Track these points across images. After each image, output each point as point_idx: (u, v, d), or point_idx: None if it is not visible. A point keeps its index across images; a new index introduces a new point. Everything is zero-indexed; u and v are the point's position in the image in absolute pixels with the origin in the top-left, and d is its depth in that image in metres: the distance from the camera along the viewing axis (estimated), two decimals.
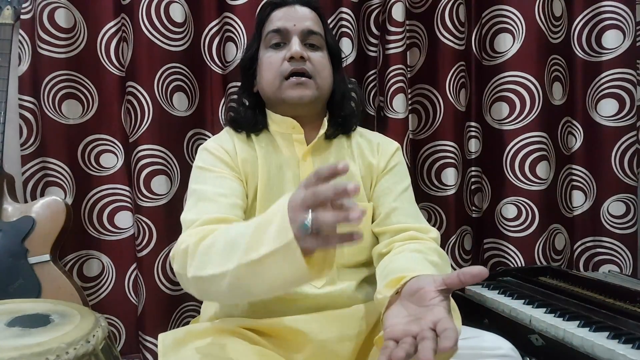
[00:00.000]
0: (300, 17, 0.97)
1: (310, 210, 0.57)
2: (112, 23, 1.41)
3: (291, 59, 0.94)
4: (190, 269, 0.75)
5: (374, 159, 1.03)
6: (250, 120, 1.00)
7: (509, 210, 1.55)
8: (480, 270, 0.61)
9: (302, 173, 0.98)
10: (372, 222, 1.00)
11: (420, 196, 1.57)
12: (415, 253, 0.86)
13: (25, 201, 1.35)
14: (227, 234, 0.73)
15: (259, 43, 1.01)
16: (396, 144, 1.07)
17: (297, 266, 0.59)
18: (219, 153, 0.95)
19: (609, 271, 1.55)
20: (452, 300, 0.69)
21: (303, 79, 0.94)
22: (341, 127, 1.04)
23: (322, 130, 0.99)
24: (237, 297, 0.74)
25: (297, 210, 0.59)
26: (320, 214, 0.56)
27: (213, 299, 0.78)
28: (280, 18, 0.98)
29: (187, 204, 0.92)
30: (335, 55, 1.04)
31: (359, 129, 1.09)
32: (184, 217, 0.88)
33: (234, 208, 0.88)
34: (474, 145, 1.61)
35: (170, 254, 0.85)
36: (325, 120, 1.00)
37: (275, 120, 1.00)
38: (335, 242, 0.58)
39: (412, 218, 0.97)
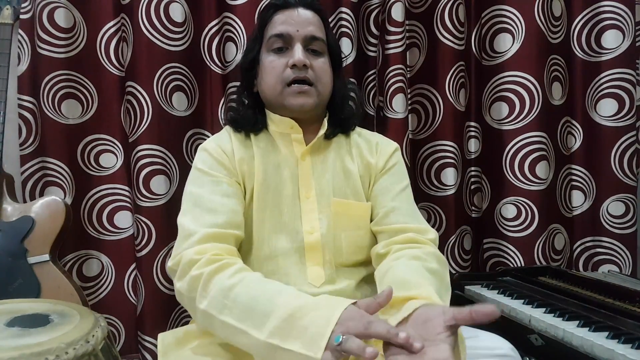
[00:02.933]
0: (303, 22, 0.97)
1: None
2: (111, 23, 1.41)
3: (294, 66, 0.94)
4: (202, 300, 0.77)
5: (373, 158, 1.03)
6: (250, 120, 1.00)
7: (509, 210, 1.55)
8: (492, 310, 0.62)
9: (300, 172, 0.98)
10: (371, 221, 1.00)
11: (420, 196, 1.57)
12: (414, 261, 0.86)
13: (25, 201, 1.35)
14: (251, 287, 0.75)
15: (261, 45, 1.01)
16: (395, 144, 1.08)
17: None
18: (218, 155, 0.95)
19: (608, 271, 1.55)
20: (460, 333, 0.69)
21: (305, 87, 0.95)
22: (340, 127, 1.04)
23: (322, 131, 0.99)
24: (242, 348, 0.77)
25: (329, 328, 0.63)
26: (350, 340, 0.61)
27: (220, 335, 0.80)
28: (283, 22, 0.97)
29: (183, 206, 0.92)
30: (336, 57, 1.04)
31: (358, 129, 1.09)
32: (182, 222, 0.89)
33: (231, 218, 0.89)
34: (473, 145, 1.62)
35: (169, 264, 0.86)
36: (325, 121, 1.00)
37: (274, 121, 1.00)
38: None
39: (411, 217, 0.97)
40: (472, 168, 1.62)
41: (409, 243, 0.93)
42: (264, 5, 1.04)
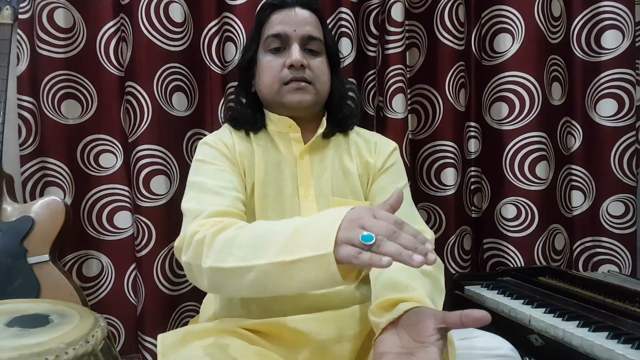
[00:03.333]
0: (301, 22, 0.97)
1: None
2: (111, 23, 1.41)
3: (291, 66, 0.94)
4: (207, 259, 0.74)
5: (371, 158, 1.03)
6: (249, 119, 1.00)
7: (509, 210, 1.55)
8: (482, 315, 0.61)
9: (299, 171, 0.98)
10: None
11: (420, 196, 1.57)
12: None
13: (25, 201, 1.35)
14: (253, 229, 0.73)
15: (258, 44, 1.01)
16: (394, 144, 1.08)
17: (330, 274, 0.60)
18: (219, 146, 0.95)
19: (608, 271, 1.55)
20: (450, 336, 0.68)
21: (303, 84, 0.95)
22: (338, 126, 1.04)
23: (320, 130, 0.99)
24: (256, 293, 0.73)
25: (357, 226, 0.59)
26: (388, 243, 0.57)
27: (226, 292, 0.77)
28: (280, 22, 0.97)
29: (187, 195, 0.91)
30: (333, 57, 1.04)
31: (357, 128, 1.09)
32: (187, 207, 0.87)
33: (236, 201, 0.88)
34: (473, 145, 1.62)
35: (176, 244, 0.83)
36: (324, 120, 1.01)
37: (273, 120, 1.00)
38: (367, 264, 0.57)
39: (408, 218, 0.97)
40: (472, 168, 1.62)
41: None
42: (261, 5, 1.04)
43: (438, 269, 0.91)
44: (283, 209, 0.96)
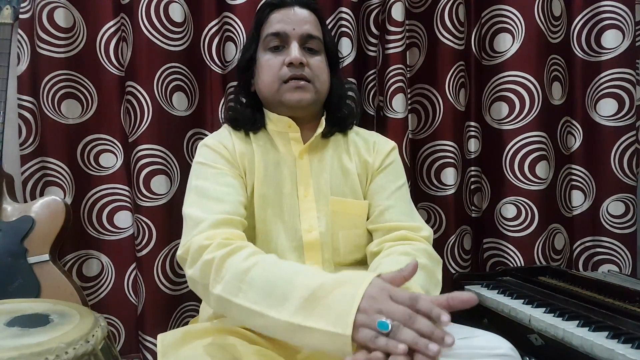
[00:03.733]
0: (300, 21, 0.97)
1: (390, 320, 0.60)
2: (111, 23, 1.41)
3: (290, 64, 0.94)
4: (216, 285, 0.75)
5: (370, 157, 1.03)
6: (249, 119, 1.01)
7: (509, 210, 1.55)
8: (470, 297, 0.62)
9: (298, 171, 0.98)
10: (367, 219, 1.00)
11: (420, 196, 1.57)
12: (403, 256, 0.86)
13: (25, 201, 1.35)
14: (267, 270, 0.73)
15: (257, 44, 1.01)
16: (392, 143, 1.08)
17: (342, 352, 0.62)
18: (219, 149, 0.95)
19: (608, 271, 1.55)
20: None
21: (302, 82, 0.95)
22: (338, 126, 1.04)
23: (320, 130, 1.00)
24: (261, 331, 0.76)
25: (374, 311, 0.61)
26: (404, 330, 0.60)
27: (229, 317, 0.79)
28: (279, 21, 0.98)
29: (188, 199, 0.92)
30: (332, 56, 1.04)
31: (356, 128, 1.10)
32: (188, 212, 0.87)
33: (237, 206, 0.89)
34: (473, 145, 1.61)
35: (179, 253, 0.84)
36: (323, 119, 1.01)
37: (272, 120, 1.01)
38: (394, 352, 0.59)
39: (405, 216, 0.98)
40: (472, 168, 1.62)
41: (400, 240, 0.92)
42: (260, 5, 1.04)
43: (434, 263, 0.91)
44: (282, 209, 0.96)
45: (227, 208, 0.86)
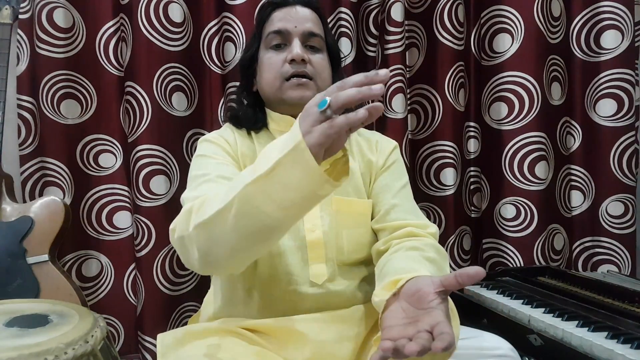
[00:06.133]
0: (301, 19, 0.98)
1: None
2: (110, 23, 1.41)
3: (292, 61, 0.94)
4: (192, 222, 0.73)
5: (373, 156, 1.03)
6: (251, 118, 1.00)
7: (508, 210, 1.55)
8: (477, 271, 0.60)
9: None
10: (372, 219, 1.00)
11: (420, 196, 1.57)
12: (412, 251, 0.86)
13: (24, 201, 1.35)
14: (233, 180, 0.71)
15: (259, 43, 1.01)
16: (394, 142, 1.08)
17: (309, 168, 0.59)
18: (220, 142, 0.95)
19: (607, 271, 1.55)
20: (450, 301, 0.69)
21: (304, 80, 0.95)
22: None
23: None
24: (246, 232, 0.69)
25: (311, 107, 0.60)
26: (342, 93, 0.58)
27: (216, 251, 0.73)
28: (281, 19, 0.98)
29: (188, 187, 0.90)
30: (334, 55, 1.05)
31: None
32: (185, 195, 0.87)
33: None
34: (472, 145, 1.62)
35: (171, 227, 0.83)
36: None
37: (274, 119, 1.00)
38: (345, 124, 0.57)
39: (411, 214, 0.97)
40: (472, 168, 1.62)
41: (408, 237, 0.92)
42: (262, 4, 1.04)
43: (442, 257, 0.90)
44: None
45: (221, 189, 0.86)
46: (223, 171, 0.89)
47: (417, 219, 0.97)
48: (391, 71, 1.47)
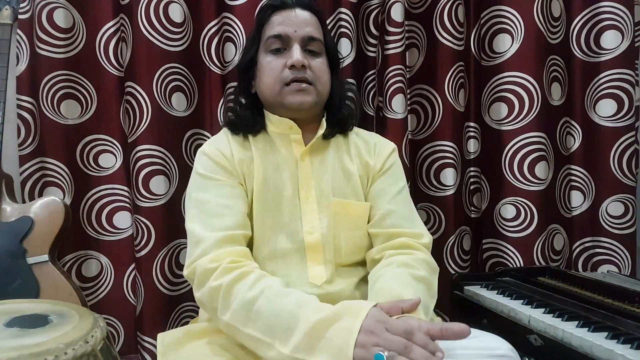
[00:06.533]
0: (301, 23, 0.97)
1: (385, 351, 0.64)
2: (111, 23, 1.41)
3: (292, 67, 0.94)
4: (225, 312, 0.78)
5: (371, 159, 1.03)
6: (249, 121, 1.00)
7: (508, 211, 1.55)
8: (462, 329, 0.67)
9: (300, 173, 0.98)
10: (368, 222, 1.00)
11: (419, 196, 1.57)
12: (402, 268, 0.88)
13: (24, 201, 1.35)
14: (273, 302, 0.76)
15: (258, 45, 1.01)
16: (393, 145, 1.08)
17: None
18: (218, 158, 0.95)
19: (607, 271, 1.55)
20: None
21: (304, 85, 0.95)
22: (338, 127, 1.04)
23: (321, 131, 1.00)
24: (265, 356, 0.78)
25: (371, 344, 0.65)
26: (400, 358, 0.64)
27: (235, 334, 0.81)
28: (280, 23, 0.97)
29: (189, 213, 0.93)
30: (333, 58, 1.05)
31: (356, 129, 1.10)
32: (191, 228, 0.89)
33: (239, 219, 0.90)
34: (472, 146, 1.62)
35: (186, 273, 0.87)
36: (324, 121, 1.01)
37: (273, 121, 1.00)
38: None
39: (406, 221, 0.98)
40: (472, 168, 1.62)
41: (401, 249, 0.94)
42: (261, 6, 1.04)
43: (432, 273, 0.92)
44: (282, 211, 0.95)
45: (228, 223, 0.87)
46: (223, 195, 0.91)
47: (412, 227, 0.97)
48: (391, 71, 1.47)
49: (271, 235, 0.94)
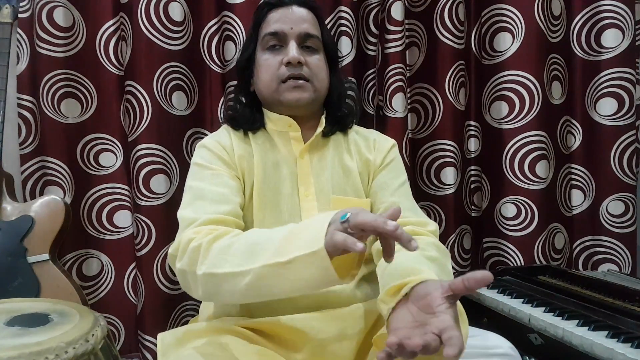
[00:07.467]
0: (297, 19, 0.97)
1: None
2: (111, 22, 1.41)
3: (288, 64, 0.94)
4: (201, 266, 0.76)
5: (371, 155, 1.03)
6: (248, 118, 1.01)
7: (509, 210, 1.55)
8: (483, 275, 0.61)
9: (299, 170, 0.98)
10: None
11: (420, 195, 1.57)
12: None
13: (25, 200, 1.35)
14: (249, 237, 0.76)
15: (256, 43, 1.01)
16: (392, 140, 1.09)
17: (324, 270, 0.64)
18: (217, 150, 0.95)
19: (608, 270, 1.55)
20: (459, 305, 0.69)
21: (300, 82, 0.95)
22: (338, 125, 1.04)
23: (320, 129, 1.00)
24: (250, 298, 0.76)
25: (338, 215, 0.65)
26: (361, 214, 0.62)
27: (220, 299, 0.80)
28: (277, 20, 0.97)
29: (183, 200, 0.92)
30: (332, 54, 1.04)
31: (355, 127, 1.10)
32: (182, 214, 0.88)
33: (232, 207, 0.89)
34: (473, 145, 1.61)
35: (170, 251, 0.85)
36: (323, 118, 1.01)
37: (272, 119, 1.00)
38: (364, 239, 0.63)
39: (410, 212, 0.98)
40: (472, 167, 1.62)
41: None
42: (259, 4, 1.04)
43: (444, 255, 0.90)
44: (281, 209, 0.95)
45: (221, 209, 0.87)
46: (218, 184, 0.90)
47: (416, 217, 0.97)
48: (391, 70, 1.47)
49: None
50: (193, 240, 0.79)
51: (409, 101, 1.54)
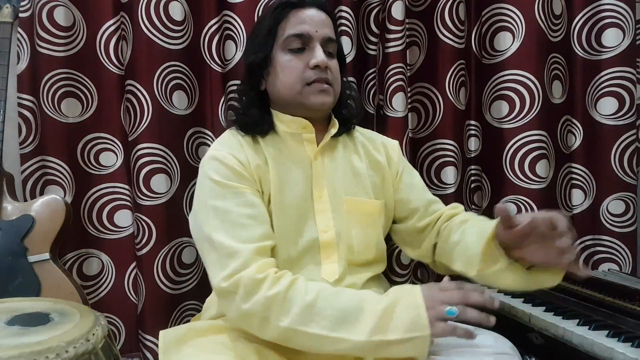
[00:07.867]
0: (320, 23, 0.97)
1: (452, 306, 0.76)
2: (111, 21, 1.41)
3: (316, 67, 0.94)
4: (284, 318, 0.78)
5: (381, 156, 1.05)
6: (257, 120, 0.98)
7: (509, 209, 1.55)
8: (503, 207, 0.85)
9: (314, 172, 0.97)
10: (398, 222, 1.08)
11: None
12: (471, 216, 1.01)
13: (25, 200, 1.35)
14: (330, 299, 0.80)
15: (274, 42, 0.98)
16: (397, 142, 1.14)
17: (421, 351, 0.76)
18: (232, 163, 0.91)
19: (608, 269, 1.55)
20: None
21: (325, 86, 0.95)
22: (344, 126, 1.05)
23: (333, 130, 1.00)
24: (329, 353, 0.81)
25: (438, 305, 0.76)
26: (469, 310, 0.76)
27: (294, 347, 0.82)
28: (302, 22, 0.96)
29: (209, 221, 0.87)
30: (341, 59, 1.05)
31: (358, 128, 1.10)
32: (218, 239, 0.84)
33: (265, 229, 0.88)
34: (473, 144, 1.61)
35: (225, 286, 0.81)
36: (334, 120, 1.02)
37: (284, 121, 0.99)
38: (460, 335, 0.77)
39: (438, 203, 1.09)
40: (472, 167, 1.62)
41: (452, 216, 1.04)
42: (277, 3, 1.00)
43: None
44: (297, 212, 0.95)
45: (255, 234, 0.85)
46: (244, 204, 0.88)
47: (442, 204, 1.09)
48: (392, 69, 1.47)
49: (288, 236, 0.93)
50: (263, 286, 0.79)
51: (409, 101, 1.54)
